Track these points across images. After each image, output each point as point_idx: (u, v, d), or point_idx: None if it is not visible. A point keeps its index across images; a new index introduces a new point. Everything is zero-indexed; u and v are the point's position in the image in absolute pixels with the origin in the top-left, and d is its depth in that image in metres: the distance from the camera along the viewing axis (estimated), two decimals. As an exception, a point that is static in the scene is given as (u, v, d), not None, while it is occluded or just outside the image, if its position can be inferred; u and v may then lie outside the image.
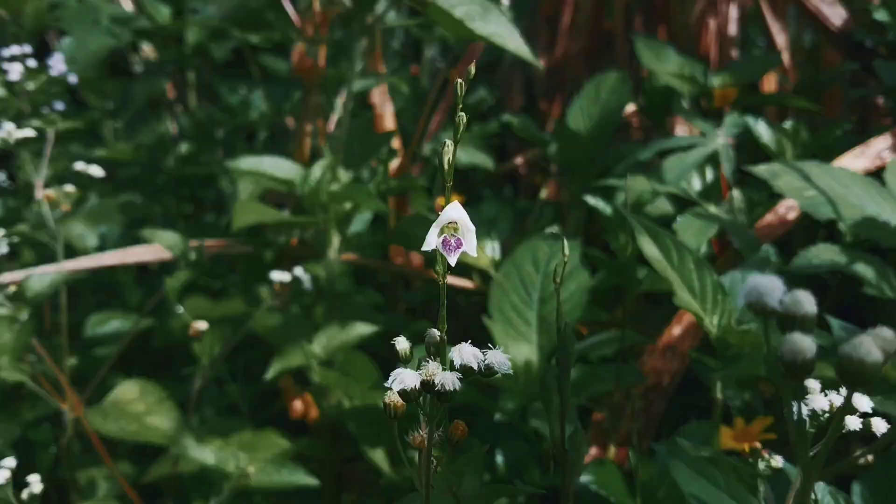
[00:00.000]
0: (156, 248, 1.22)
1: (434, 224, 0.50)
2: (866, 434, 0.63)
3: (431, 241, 0.50)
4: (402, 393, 0.48)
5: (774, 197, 1.29)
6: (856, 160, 1.19)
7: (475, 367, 0.47)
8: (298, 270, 1.12)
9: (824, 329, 0.89)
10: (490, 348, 0.51)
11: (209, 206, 1.68)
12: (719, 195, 1.32)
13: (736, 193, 1.21)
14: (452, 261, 0.50)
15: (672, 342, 1.12)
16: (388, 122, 1.51)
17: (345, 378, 1.16)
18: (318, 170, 1.16)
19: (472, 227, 0.50)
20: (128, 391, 1.09)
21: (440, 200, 1.56)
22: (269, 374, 1.13)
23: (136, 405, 1.08)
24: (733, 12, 1.64)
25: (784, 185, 1.06)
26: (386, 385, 0.48)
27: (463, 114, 0.50)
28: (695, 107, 1.42)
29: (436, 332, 0.53)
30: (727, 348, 0.89)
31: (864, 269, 1.00)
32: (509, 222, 1.39)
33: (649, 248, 0.90)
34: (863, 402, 0.62)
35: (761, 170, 1.07)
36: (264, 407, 1.36)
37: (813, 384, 0.66)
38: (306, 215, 1.17)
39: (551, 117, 1.81)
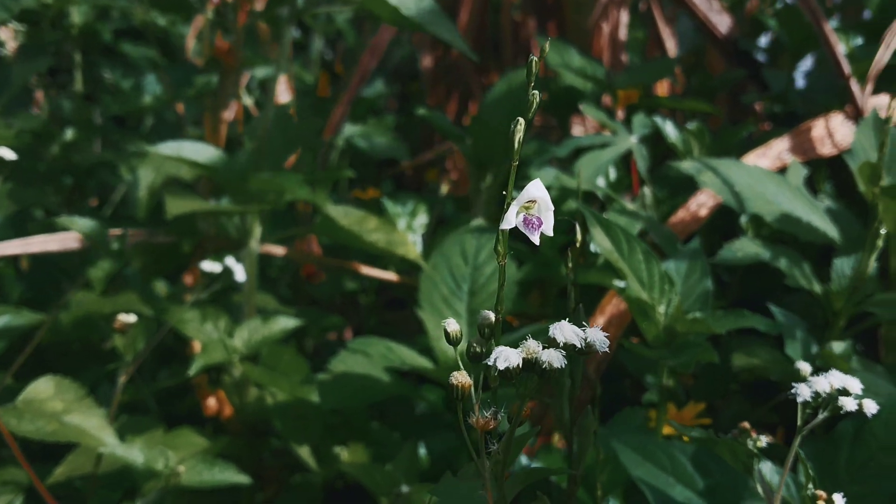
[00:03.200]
0: (61, 237, 1.14)
1: (514, 202, 0.50)
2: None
3: (511, 219, 0.50)
4: (505, 371, 0.47)
5: (677, 194, 1.35)
6: (758, 160, 1.27)
7: (578, 345, 0.47)
8: (230, 261, 1.08)
9: (768, 316, 0.94)
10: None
11: (91, 195, 1.58)
12: (624, 193, 1.37)
13: (647, 191, 1.26)
14: (535, 239, 0.50)
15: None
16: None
17: (271, 373, 1.13)
18: (243, 156, 1.12)
19: (552, 206, 0.50)
20: (42, 389, 1.01)
21: (358, 192, 1.55)
22: (192, 370, 1.08)
23: (53, 403, 1.00)
24: (624, 18, 1.70)
25: (708, 181, 1.11)
26: (489, 363, 0.47)
27: (536, 92, 0.50)
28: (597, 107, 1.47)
29: (490, 314, 0.53)
30: (674, 337, 0.92)
31: (783, 263, 1.07)
32: (428, 215, 1.39)
33: (601, 239, 0.93)
34: (854, 384, 0.66)
35: (687, 166, 1.12)
36: (170, 405, 1.30)
37: (804, 366, 0.70)
38: (231, 204, 1.13)
39: (445, 114, 1.83)
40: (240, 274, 1.07)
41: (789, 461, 0.69)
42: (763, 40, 1.77)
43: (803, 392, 0.66)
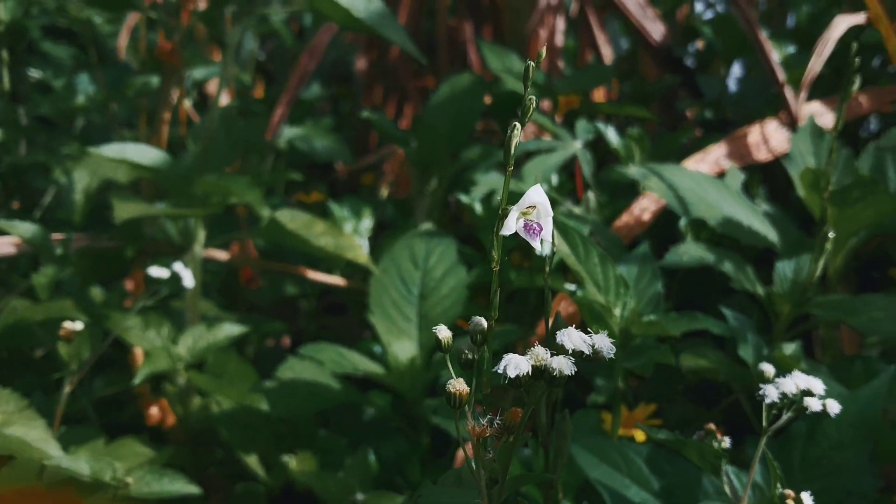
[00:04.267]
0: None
1: (514, 207, 0.49)
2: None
3: (511, 224, 0.49)
4: (514, 379, 0.46)
5: (617, 199, 1.37)
6: (697, 165, 1.30)
7: (586, 351, 0.47)
8: (178, 266, 1.05)
9: (721, 319, 0.96)
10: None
11: (14, 198, 1.52)
12: (566, 197, 1.38)
13: (591, 195, 1.28)
14: (537, 245, 0.50)
15: (542, 335, 1.16)
16: (224, 113, 1.45)
17: (218, 381, 1.10)
18: (188, 159, 1.10)
19: (551, 212, 0.50)
20: (-21, 401, 0.97)
21: (301, 195, 1.52)
22: (137, 378, 1.05)
23: (-8, 416, 0.96)
24: (560, 24, 1.72)
25: (653, 185, 1.13)
26: (498, 371, 0.47)
27: (533, 97, 0.50)
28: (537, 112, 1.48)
29: (482, 320, 0.52)
30: (630, 339, 0.94)
31: (728, 266, 1.09)
32: (372, 219, 1.38)
33: (559, 243, 0.93)
34: (818, 385, 0.68)
35: (633, 171, 1.14)
36: (109, 414, 1.26)
37: (768, 368, 0.71)
38: (177, 208, 1.10)
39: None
40: (188, 279, 1.04)
41: (756, 461, 0.71)
42: (694, 48, 1.82)
43: (771, 393, 0.68)
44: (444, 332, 0.52)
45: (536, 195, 0.49)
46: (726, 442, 0.74)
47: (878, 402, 0.84)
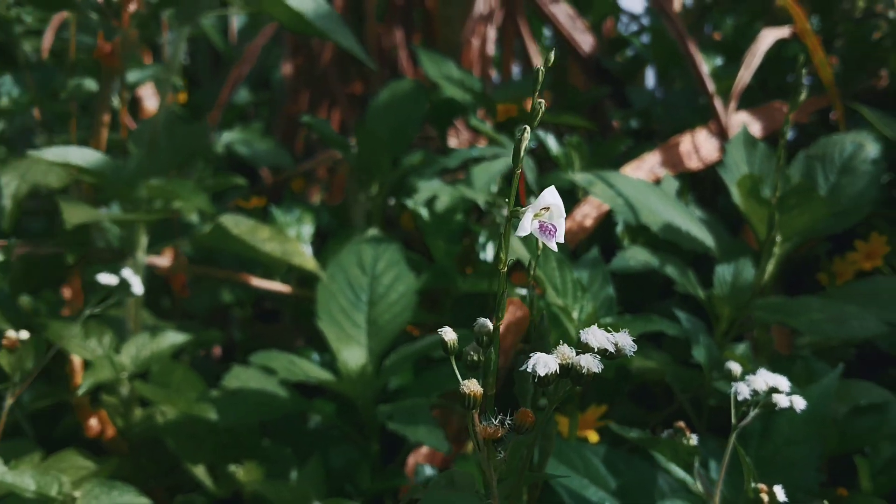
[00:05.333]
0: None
1: (529, 208, 0.50)
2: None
3: (526, 225, 0.50)
4: (542, 378, 0.47)
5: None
6: (634, 173, 1.33)
7: (611, 350, 0.47)
8: (127, 272, 1.01)
9: (675, 321, 0.99)
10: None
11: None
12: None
13: (533, 200, 1.29)
14: (553, 245, 0.51)
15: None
16: (155, 117, 1.42)
17: (165, 391, 1.07)
18: (132, 163, 1.07)
19: (564, 213, 0.51)
20: (-88, 417, 0.92)
21: (240, 201, 1.49)
22: (81, 389, 1.01)
23: (-73, 432, 0.91)
24: (492, 33, 1.74)
25: (599, 192, 1.15)
26: (527, 370, 0.47)
27: (542, 101, 0.51)
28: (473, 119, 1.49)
29: (487, 322, 0.53)
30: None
31: (671, 270, 1.12)
32: (313, 224, 1.37)
33: (519, 248, 0.94)
34: (783, 382, 0.71)
35: (579, 178, 1.16)
36: (44, 427, 1.21)
37: (734, 367, 0.74)
38: (124, 213, 1.06)
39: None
40: (137, 286, 1.01)
41: (726, 458, 0.73)
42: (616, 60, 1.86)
43: (742, 390, 0.70)
44: (449, 335, 0.52)
45: (551, 197, 0.49)
46: (694, 440, 0.76)
47: (829, 399, 0.88)
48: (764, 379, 0.70)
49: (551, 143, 1.34)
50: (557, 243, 1.24)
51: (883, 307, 1.09)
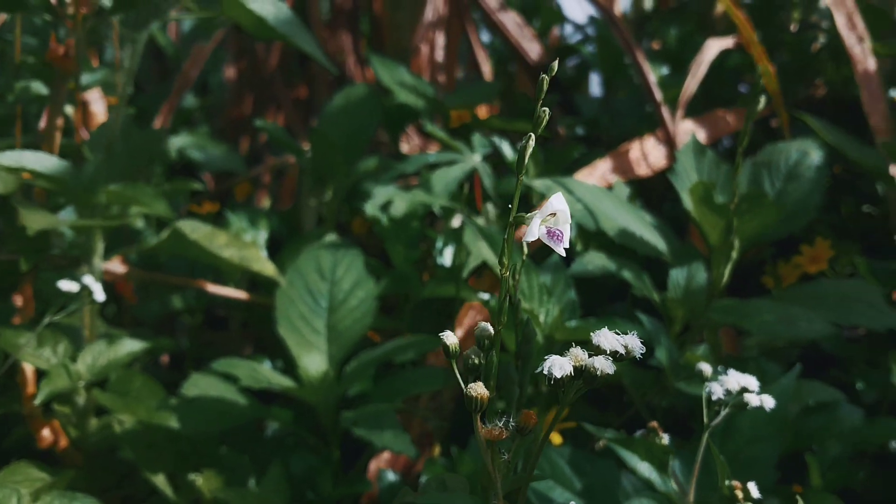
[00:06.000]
0: None
1: (538, 214, 0.51)
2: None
3: (535, 230, 0.51)
4: (558, 380, 0.48)
5: (509, 211, 1.41)
6: (586, 179, 1.35)
7: (622, 352, 0.49)
8: (88, 279, 0.99)
9: (637, 323, 1.01)
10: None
11: None
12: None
13: (490, 207, 1.31)
14: (561, 250, 0.51)
15: (455, 343, 1.18)
16: (100, 120, 1.39)
17: (124, 399, 1.05)
18: (90, 168, 1.04)
19: (570, 219, 0.52)
20: None
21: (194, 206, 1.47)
22: (38, 399, 0.99)
23: None
24: (440, 40, 1.75)
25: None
26: (543, 372, 0.48)
27: (546, 110, 0.52)
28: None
29: (488, 326, 0.54)
30: (553, 344, 0.97)
31: (628, 274, 1.15)
32: (267, 230, 1.35)
33: (486, 252, 0.96)
34: (753, 382, 0.73)
35: (538, 184, 1.18)
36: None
37: (705, 368, 0.76)
38: (83, 219, 1.04)
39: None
40: (99, 293, 0.99)
41: (699, 457, 0.75)
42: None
43: (716, 390, 0.72)
44: (451, 339, 0.53)
45: (559, 203, 0.51)
46: (665, 439, 0.78)
47: (788, 398, 0.90)
48: (736, 379, 0.72)
49: (506, 149, 1.35)
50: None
51: (830, 309, 1.13)
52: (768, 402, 0.73)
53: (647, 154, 1.43)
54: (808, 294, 1.18)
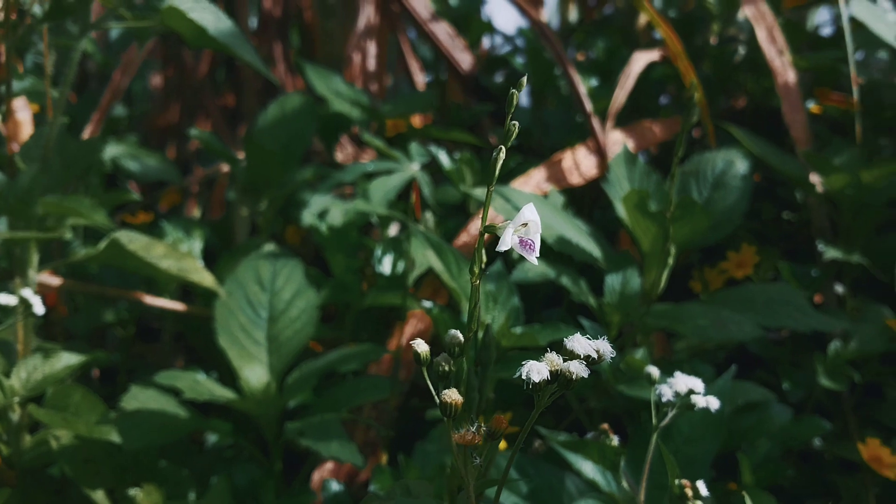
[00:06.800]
0: None
1: (510, 224, 0.52)
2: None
3: (508, 240, 0.52)
4: (536, 384, 0.49)
5: (447, 218, 1.43)
6: (522, 188, 1.38)
7: (594, 356, 0.50)
8: (27, 292, 0.96)
9: (580, 328, 1.04)
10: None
11: None
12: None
13: (429, 215, 1.32)
14: (533, 259, 0.53)
15: (396, 352, 1.19)
16: (27, 129, 1.36)
17: (62, 415, 1.03)
18: (25, 179, 1.02)
19: (540, 229, 0.53)
20: None
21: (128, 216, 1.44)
22: (-29, 416, 0.96)
23: None
24: (372, 49, 1.76)
25: (498, 206, 1.19)
26: (521, 377, 0.49)
27: (516, 123, 0.53)
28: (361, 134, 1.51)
29: (458, 333, 0.55)
30: (500, 351, 0.99)
31: (566, 280, 1.17)
32: (202, 240, 1.34)
33: (434, 261, 0.97)
34: (698, 384, 0.76)
35: (479, 193, 1.19)
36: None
37: (653, 371, 0.78)
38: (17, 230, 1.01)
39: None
40: (38, 306, 0.97)
41: (649, 458, 0.77)
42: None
43: (666, 392, 0.75)
44: (421, 347, 0.54)
45: (531, 213, 0.52)
46: (615, 441, 0.81)
47: (726, 399, 0.94)
48: (684, 381, 0.75)
49: (443, 158, 1.37)
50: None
51: (758, 312, 1.18)
52: (714, 403, 0.76)
53: (579, 163, 1.46)
54: (737, 298, 1.22)
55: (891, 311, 1.25)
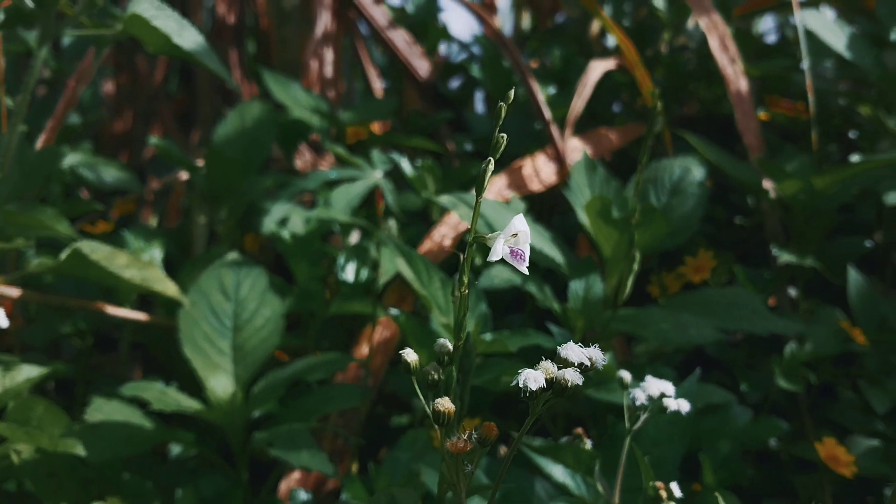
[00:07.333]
0: None
1: (501, 235, 0.53)
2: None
3: (499, 250, 0.52)
4: (533, 392, 0.49)
5: (409, 225, 1.43)
6: (485, 194, 1.39)
7: (588, 364, 0.51)
8: (-12, 306, 0.95)
9: (548, 333, 1.05)
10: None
11: None
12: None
13: (392, 222, 1.33)
14: (524, 269, 0.53)
15: (363, 360, 1.19)
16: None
17: (25, 428, 1.01)
18: (-16, 189, 1.00)
19: (529, 239, 0.54)
20: None
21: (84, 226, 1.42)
22: (-69, 432, 0.94)
23: None
24: (329, 56, 1.76)
25: (462, 213, 1.20)
26: (518, 385, 0.50)
27: (504, 136, 0.54)
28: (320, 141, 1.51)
29: (446, 342, 0.55)
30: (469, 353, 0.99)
31: (531, 286, 1.19)
32: (162, 249, 1.32)
33: (404, 269, 0.97)
34: (669, 387, 0.77)
35: (444, 200, 1.20)
36: None
37: (626, 375, 0.80)
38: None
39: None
40: (3, 320, 0.95)
41: (622, 461, 0.79)
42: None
43: (639, 396, 0.76)
44: (411, 356, 0.55)
45: (521, 224, 0.53)
46: (589, 445, 0.82)
47: (692, 401, 0.96)
48: (656, 385, 0.77)
49: (405, 165, 1.37)
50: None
51: (716, 316, 1.20)
52: (684, 406, 0.78)
53: (539, 170, 1.48)
54: (696, 302, 1.25)
55: (843, 313, 1.29)
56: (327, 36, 1.72)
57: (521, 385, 0.51)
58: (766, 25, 2.36)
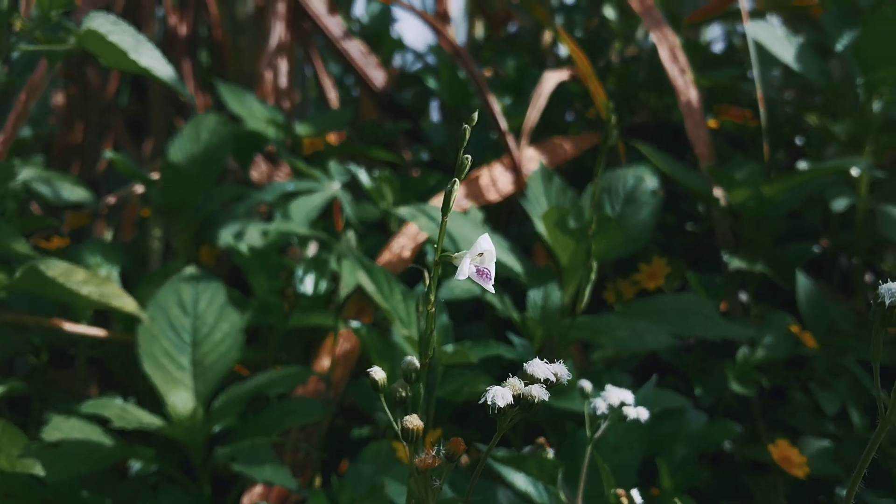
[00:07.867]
0: None
1: (468, 253, 0.54)
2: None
3: (465, 269, 0.53)
4: (499, 408, 0.50)
5: (367, 236, 1.44)
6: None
7: (553, 379, 0.52)
8: (-57, 325, 0.93)
9: (508, 343, 1.06)
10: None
11: None
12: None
13: (351, 234, 1.33)
14: (490, 287, 0.54)
15: (323, 372, 1.19)
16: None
17: (-20, 449, 1.00)
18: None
19: (495, 258, 0.55)
20: None
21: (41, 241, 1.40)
22: None
23: None
24: (284, 66, 1.76)
25: (422, 224, 1.21)
26: (487, 402, 0.50)
27: (469, 157, 0.55)
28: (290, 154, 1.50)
29: (414, 359, 0.56)
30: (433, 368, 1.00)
31: (491, 297, 1.20)
32: (119, 265, 1.31)
33: (365, 281, 0.98)
34: (629, 396, 0.79)
35: (403, 211, 1.21)
36: None
37: (586, 384, 0.81)
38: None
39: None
40: (-43, 339, 0.94)
41: (584, 468, 0.80)
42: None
43: (600, 405, 0.78)
44: (379, 374, 0.55)
45: (486, 243, 0.54)
46: (550, 453, 0.83)
47: (649, 408, 0.98)
48: (616, 394, 0.78)
49: (363, 177, 1.38)
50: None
51: (671, 322, 1.23)
52: (643, 414, 0.79)
53: (496, 180, 1.49)
54: (651, 309, 1.27)
55: (792, 317, 1.32)
56: (282, 46, 1.72)
57: (489, 402, 0.52)
58: (714, 34, 2.42)
